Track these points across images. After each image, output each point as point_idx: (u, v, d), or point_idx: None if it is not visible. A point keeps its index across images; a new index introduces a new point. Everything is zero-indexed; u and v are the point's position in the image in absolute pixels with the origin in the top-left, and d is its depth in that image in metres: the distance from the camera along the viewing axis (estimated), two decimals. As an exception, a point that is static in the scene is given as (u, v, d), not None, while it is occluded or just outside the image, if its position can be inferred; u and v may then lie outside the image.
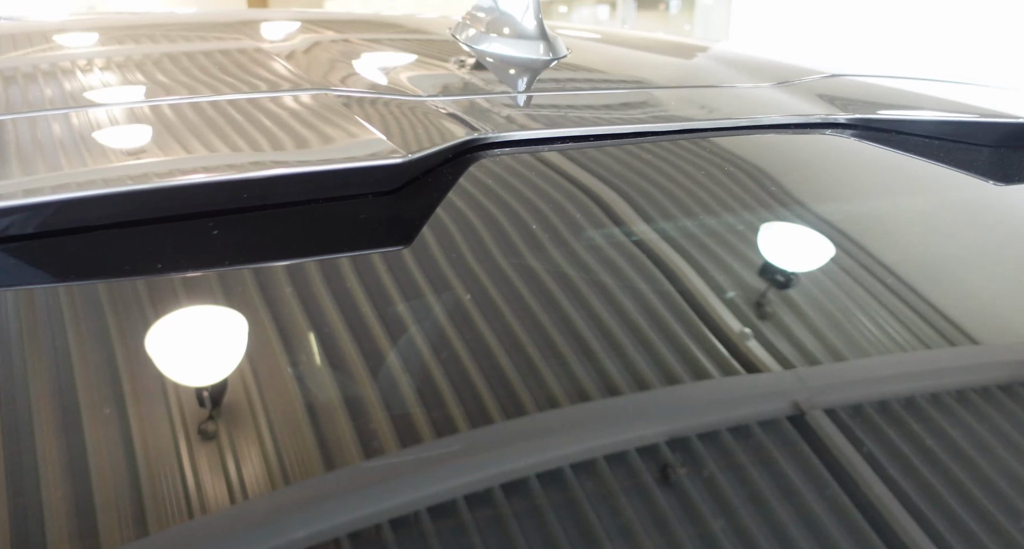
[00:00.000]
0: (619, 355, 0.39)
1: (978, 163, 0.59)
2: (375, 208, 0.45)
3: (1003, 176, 0.58)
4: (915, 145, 0.61)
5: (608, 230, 0.48)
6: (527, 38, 0.74)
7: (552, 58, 0.74)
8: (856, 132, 0.62)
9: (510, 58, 0.73)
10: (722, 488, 0.34)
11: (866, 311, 0.45)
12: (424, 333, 0.39)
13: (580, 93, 0.65)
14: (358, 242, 0.42)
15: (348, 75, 0.63)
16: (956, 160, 0.59)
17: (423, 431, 0.34)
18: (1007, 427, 0.39)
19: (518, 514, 0.32)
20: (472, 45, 0.76)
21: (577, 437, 0.36)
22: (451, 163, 0.51)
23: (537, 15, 0.75)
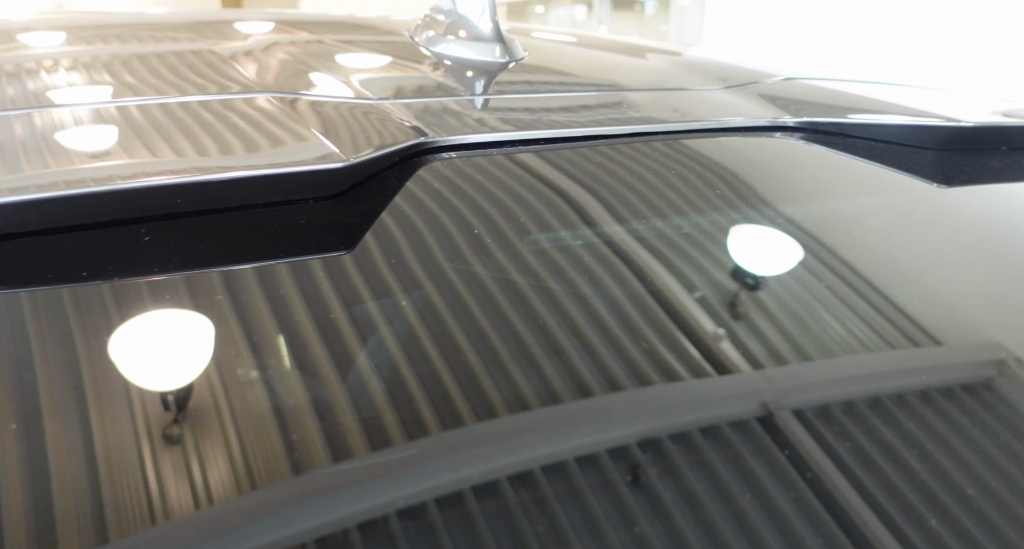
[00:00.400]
0: (563, 360, 0.39)
1: (922, 166, 0.60)
2: (316, 213, 0.44)
3: (946, 178, 0.59)
4: (861, 148, 0.62)
5: (556, 234, 0.48)
6: (483, 41, 0.74)
7: (508, 61, 0.74)
8: (804, 135, 0.63)
9: (466, 61, 0.73)
10: (692, 488, 0.35)
11: (816, 311, 0.45)
12: (363, 340, 0.38)
13: (533, 96, 0.65)
14: (297, 248, 0.42)
15: (298, 78, 0.62)
16: (900, 163, 0.60)
17: (364, 438, 0.34)
18: (972, 426, 0.40)
19: (488, 516, 0.32)
20: (428, 47, 0.76)
21: (544, 440, 0.36)
22: (398, 167, 0.51)
23: (493, 18, 0.75)
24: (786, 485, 0.35)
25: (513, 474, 0.34)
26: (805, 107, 0.67)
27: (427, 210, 0.47)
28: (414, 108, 0.58)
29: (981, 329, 0.48)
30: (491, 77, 0.70)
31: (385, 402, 0.35)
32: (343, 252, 0.42)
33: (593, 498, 0.34)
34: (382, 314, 0.40)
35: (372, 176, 0.49)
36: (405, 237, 0.44)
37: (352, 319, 0.39)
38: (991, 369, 0.44)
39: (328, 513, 0.31)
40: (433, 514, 0.32)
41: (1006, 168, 0.62)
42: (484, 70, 0.71)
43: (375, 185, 0.48)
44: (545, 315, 0.41)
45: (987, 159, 0.62)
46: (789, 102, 0.69)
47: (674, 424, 0.38)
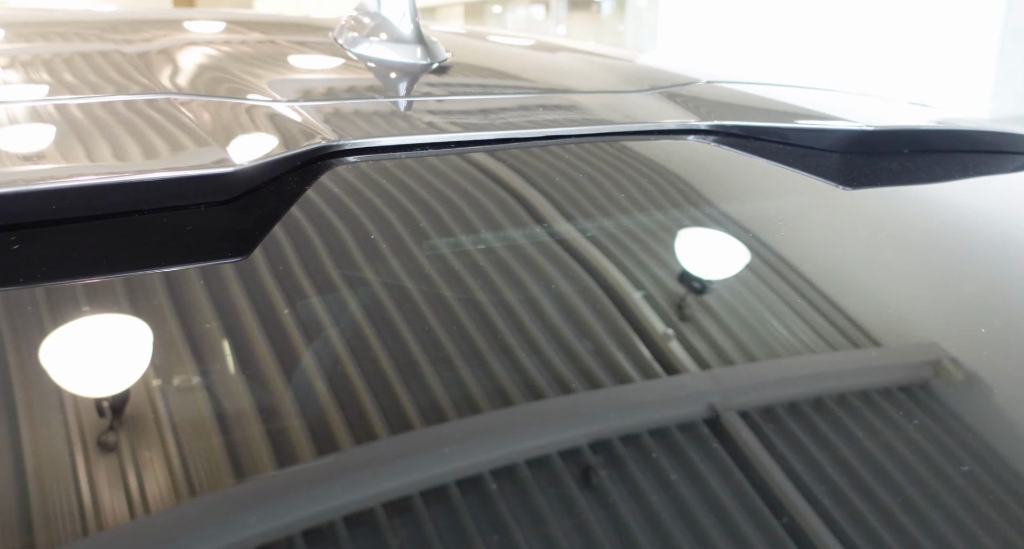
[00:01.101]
0: (453, 369, 0.39)
1: (824, 168, 0.62)
2: (207, 219, 0.43)
3: (846, 180, 0.61)
4: (767, 151, 0.63)
5: (457, 238, 0.48)
6: (403, 42, 0.74)
7: (430, 62, 0.74)
8: (715, 138, 0.64)
9: (385, 62, 0.72)
10: (639, 490, 0.35)
11: (723, 311, 0.46)
12: (251, 349, 0.38)
13: (448, 98, 0.65)
14: (184, 255, 0.41)
15: (204, 79, 0.61)
16: (803, 165, 0.62)
17: (265, 449, 0.33)
18: (913, 427, 0.41)
19: (428, 522, 0.32)
20: (349, 49, 0.75)
21: (486, 445, 0.36)
22: (299, 171, 0.50)
23: (414, 19, 0.74)
24: (733, 486, 0.35)
25: (450, 481, 0.34)
26: (719, 110, 0.68)
27: (325, 216, 0.47)
28: (323, 110, 0.58)
29: (887, 327, 0.49)
30: (409, 79, 0.69)
31: (277, 413, 0.35)
32: (233, 259, 0.42)
33: (537, 502, 0.33)
34: (266, 324, 0.39)
35: (272, 180, 0.48)
36: (299, 244, 0.44)
37: (236, 328, 0.39)
38: (897, 367, 0.45)
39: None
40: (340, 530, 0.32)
41: (904, 170, 0.64)
42: (403, 72, 0.71)
43: (273, 190, 0.48)
44: (436, 322, 0.41)
45: (887, 161, 0.64)
46: (705, 105, 0.70)
47: (580, 434, 0.38)
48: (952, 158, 0.67)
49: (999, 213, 0.65)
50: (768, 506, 0.35)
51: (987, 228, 0.63)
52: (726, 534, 0.34)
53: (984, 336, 0.49)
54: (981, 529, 0.36)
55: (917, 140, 0.66)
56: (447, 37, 0.92)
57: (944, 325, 0.50)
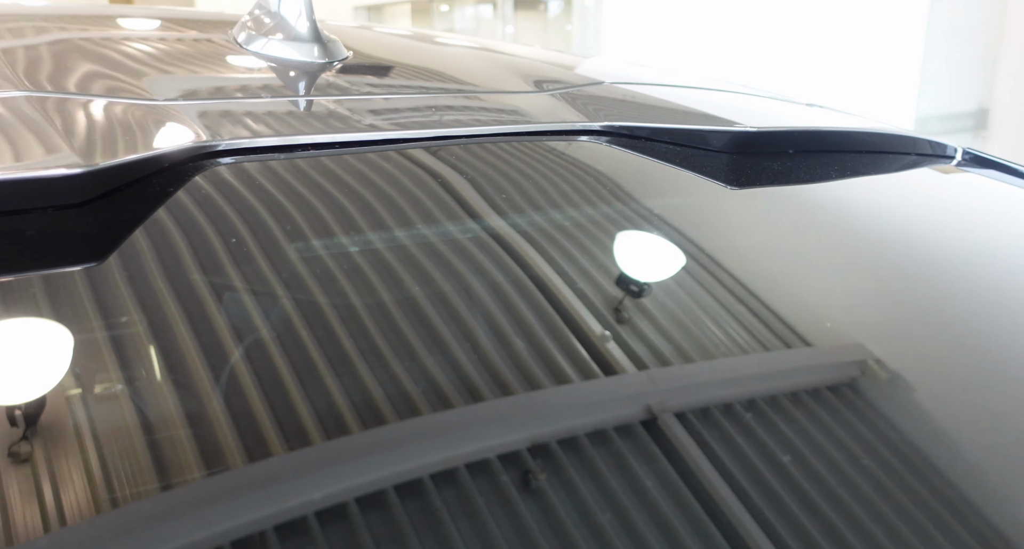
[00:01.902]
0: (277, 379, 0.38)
1: (713, 168, 0.63)
2: (53, 222, 0.42)
3: (733, 180, 0.62)
4: (656, 151, 0.64)
5: (329, 241, 0.47)
6: (300, 41, 0.72)
7: (328, 61, 0.73)
8: (607, 138, 0.65)
9: (280, 61, 0.71)
10: (576, 492, 0.34)
11: (602, 312, 0.46)
12: (80, 360, 0.37)
13: (340, 98, 0.64)
14: (21, 260, 0.39)
15: (78, 76, 0.59)
16: (689, 164, 0.63)
17: (147, 460, 0.32)
18: (846, 427, 0.41)
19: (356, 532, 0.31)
20: (245, 47, 0.74)
21: (411, 450, 0.35)
22: (166, 173, 0.49)
23: (310, 17, 0.73)
24: (670, 489, 0.35)
25: (391, 485, 0.33)
26: (615, 111, 0.69)
27: (189, 219, 0.46)
28: (203, 110, 0.56)
29: (772, 323, 0.50)
30: (301, 78, 0.68)
31: (127, 427, 0.34)
32: (77, 266, 0.40)
33: (470, 506, 0.33)
34: (112, 333, 0.38)
35: (136, 182, 0.47)
36: (154, 249, 0.43)
37: (79, 334, 0.37)
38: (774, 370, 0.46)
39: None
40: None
41: (787, 170, 0.65)
42: (297, 71, 0.70)
43: (135, 192, 0.46)
44: (298, 331, 0.41)
45: (770, 161, 0.66)
46: (602, 106, 0.70)
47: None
48: (836, 158, 0.69)
49: (881, 211, 0.68)
50: (701, 505, 0.35)
51: (869, 226, 0.65)
52: (662, 535, 0.34)
53: (873, 328, 0.51)
54: (906, 524, 0.36)
55: (802, 141, 0.68)
56: (353, 35, 0.91)
57: (829, 318, 0.51)
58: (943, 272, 0.60)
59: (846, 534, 0.35)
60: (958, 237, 0.67)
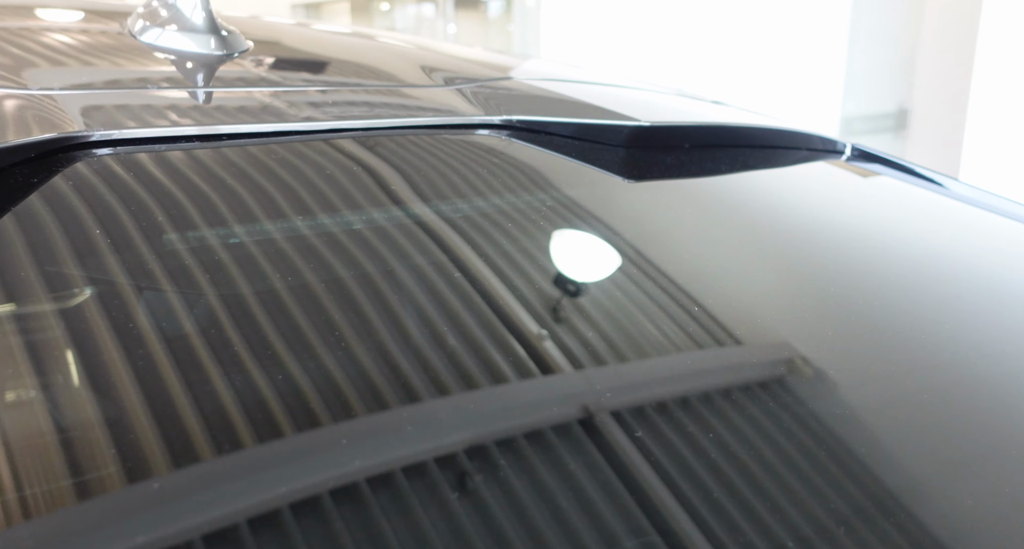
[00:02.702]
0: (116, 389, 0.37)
1: (608, 161, 0.64)
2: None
3: (631, 174, 0.63)
4: (555, 144, 0.65)
5: (196, 234, 0.46)
6: (195, 32, 0.71)
7: (225, 53, 0.71)
8: (507, 132, 0.65)
9: (174, 52, 0.69)
10: (513, 492, 0.34)
11: (500, 304, 0.46)
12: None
13: (232, 90, 0.63)
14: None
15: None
16: (588, 158, 0.64)
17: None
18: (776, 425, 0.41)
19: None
20: (139, 37, 0.71)
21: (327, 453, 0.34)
22: (33, 163, 0.47)
23: (207, 7, 0.71)
24: (606, 488, 0.35)
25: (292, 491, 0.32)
26: (517, 106, 0.69)
27: (49, 210, 0.44)
28: (82, 100, 0.54)
29: (670, 314, 0.50)
30: (192, 69, 0.67)
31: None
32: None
33: (406, 510, 0.32)
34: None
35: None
36: (5, 241, 0.41)
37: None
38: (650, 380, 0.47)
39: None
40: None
41: (680, 164, 0.67)
42: (188, 62, 0.68)
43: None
44: (150, 330, 0.40)
45: (666, 156, 0.67)
46: (504, 101, 0.71)
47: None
48: (729, 152, 0.71)
49: (772, 204, 0.70)
50: (637, 503, 0.35)
51: (761, 218, 0.67)
52: (598, 533, 0.34)
53: (766, 317, 0.52)
54: (832, 516, 0.37)
55: (697, 136, 0.70)
56: (262, 28, 0.90)
57: (725, 308, 0.52)
58: (833, 263, 0.63)
59: (776, 529, 0.36)
60: (844, 229, 0.69)
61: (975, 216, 0.74)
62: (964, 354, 0.53)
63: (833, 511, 0.37)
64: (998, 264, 0.67)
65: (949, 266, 0.65)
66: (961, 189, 0.79)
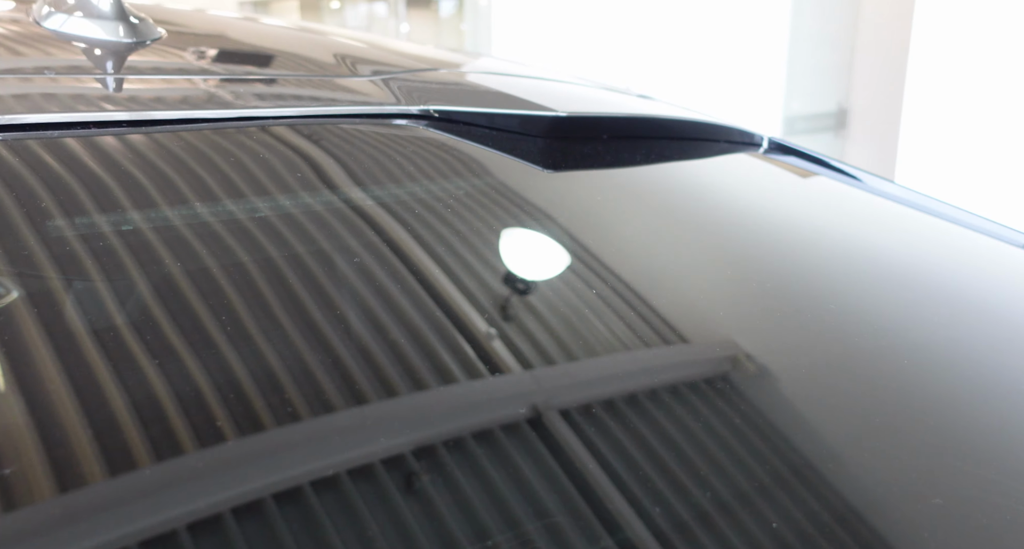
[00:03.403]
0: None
1: (525, 151, 0.64)
2: None
3: (548, 164, 0.64)
4: (474, 134, 0.65)
5: (87, 220, 0.45)
6: (102, 18, 0.69)
7: (135, 41, 0.69)
8: (426, 122, 0.65)
9: (78, 38, 0.67)
10: (465, 495, 0.34)
11: (421, 294, 0.45)
12: None
13: (137, 77, 0.61)
14: None
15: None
16: (504, 147, 0.64)
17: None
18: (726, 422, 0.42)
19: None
20: (42, 23, 0.69)
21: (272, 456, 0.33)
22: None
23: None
24: (555, 487, 0.35)
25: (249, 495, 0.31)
26: (435, 96, 0.69)
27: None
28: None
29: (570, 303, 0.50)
30: (95, 57, 0.65)
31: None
32: None
33: (363, 512, 0.32)
34: None
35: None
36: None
37: None
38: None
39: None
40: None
41: (597, 155, 0.68)
42: (92, 49, 0.66)
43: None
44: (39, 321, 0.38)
45: (583, 146, 0.68)
46: (424, 92, 0.70)
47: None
48: (648, 143, 0.72)
49: (690, 195, 0.71)
50: (586, 501, 0.35)
51: (679, 208, 0.68)
52: (547, 532, 0.33)
53: (684, 306, 0.53)
54: (778, 514, 0.37)
55: (616, 127, 0.71)
56: (179, 17, 0.88)
57: (628, 296, 0.53)
58: (742, 252, 0.64)
59: (724, 527, 0.36)
60: (761, 219, 0.71)
61: (883, 207, 0.76)
62: (861, 334, 0.54)
63: (780, 511, 0.38)
64: (899, 252, 0.70)
65: (852, 253, 0.67)
66: (875, 182, 0.82)
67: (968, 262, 0.72)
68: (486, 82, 0.78)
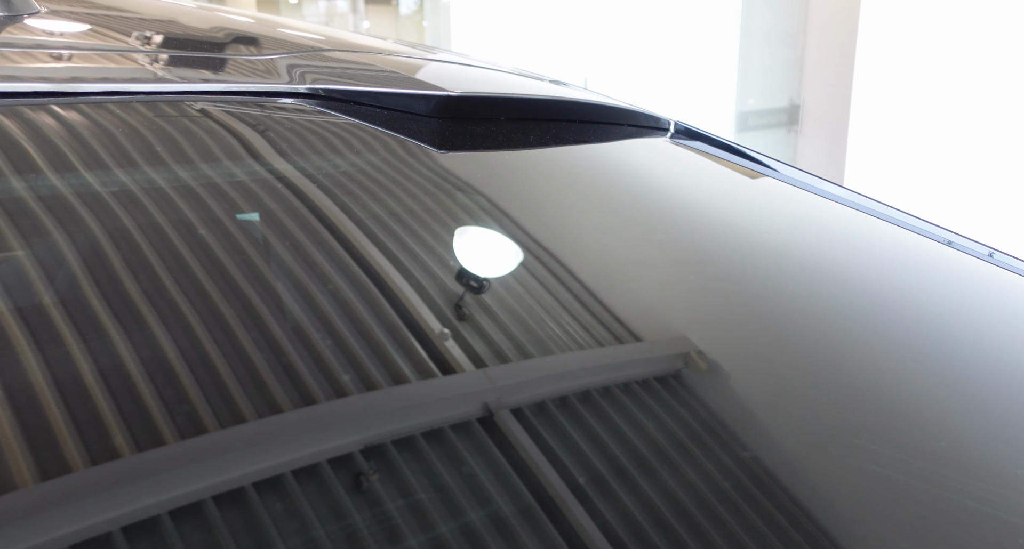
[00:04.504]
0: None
1: (421, 131, 0.63)
2: None
3: (439, 144, 0.62)
4: (365, 113, 0.63)
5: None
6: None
7: (6, 15, 0.66)
8: (315, 101, 0.63)
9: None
10: (416, 495, 0.33)
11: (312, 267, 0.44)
12: None
13: (6, 50, 0.58)
14: None
15: None
16: (400, 128, 0.62)
17: None
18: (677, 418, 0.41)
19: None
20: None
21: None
22: None
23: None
24: (507, 486, 0.35)
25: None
26: (327, 76, 0.67)
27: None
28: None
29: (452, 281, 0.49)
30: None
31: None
32: None
33: (309, 514, 0.31)
34: None
35: None
36: None
37: None
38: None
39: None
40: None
41: (491, 135, 0.67)
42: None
43: None
44: None
45: (475, 126, 0.66)
46: (315, 71, 0.69)
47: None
48: (548, 125, 0.71)
49: (592, 178, 0.70)
50: (537, 501, 0.35)
51: (579, 191, 0.68)
52: (498, 532, 0.33)
53: (584, 287, 0.52)
54: (731, 512, 0.37)
55: (513, 108, 0.70)
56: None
57: (508, 273, 0.52)
58: (635, 234, 0.63)
59: (677, 526, 0.36)
60: (665, 202, 0.71)
61: (784, 192, 0.77)
62: (759, 314, 0.54)
63: (734, 508, 0.37)
64: (796, 234, 0.70)
65: (747, 236, 0.67)
66: (782, 168, 0.82)
67: (863, 246, 0.72)
68: (383, 63, 0.76)
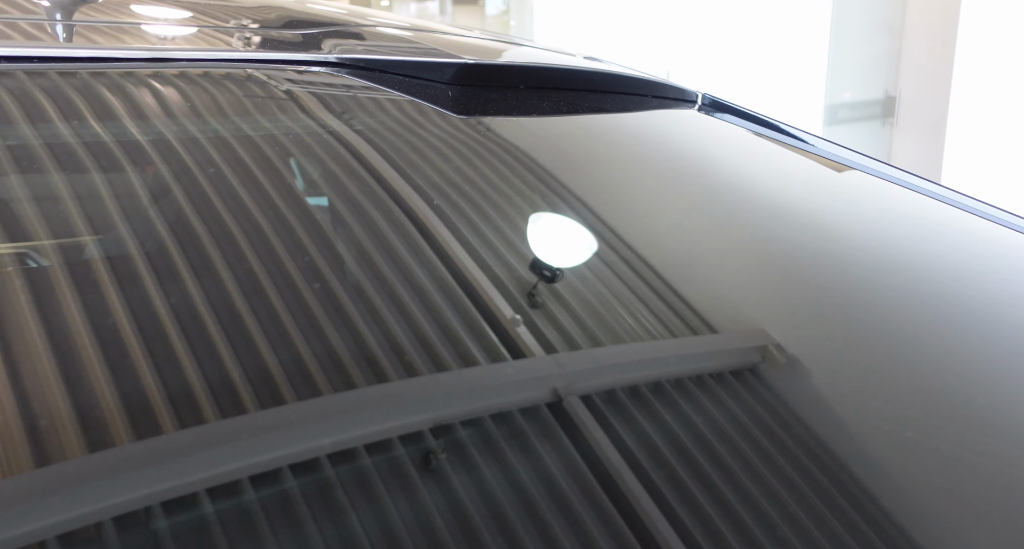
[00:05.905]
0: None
1: (442, 98, 0.65)
2: None
3: (457, 109, 0.65)
4: (388, 80, 0.66)
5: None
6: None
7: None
8: (345, 69, 0.67)
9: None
10: (482, 475, 0.34)
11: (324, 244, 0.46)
12: None
13: (80, 23, 0.65)
14: None
15: None
16: (423, 94, 0.65)
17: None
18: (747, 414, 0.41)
19: (261, 511, 0.30)
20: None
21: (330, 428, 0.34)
22: None
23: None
24: (575, 473, 0.35)
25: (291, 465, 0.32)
26: (353, 48, 0.71)
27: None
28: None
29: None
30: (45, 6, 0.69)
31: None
32: None
33: (379, 488, 0.32)
34: None
35: None
36: None
37: None
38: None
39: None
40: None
41: (503, 99, 0.68)
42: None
43: None
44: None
45: (496, 93, 0.68)
46: (344, 44, 0.73)
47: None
48: (570, 95, 0.72)
49: (615, 148, 0.71)
50: (604, 488, 0.35)
51: (602, 161, 0.69)
52: (564, 517, 0.33)
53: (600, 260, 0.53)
54: (802, 507, 0.37)
55: (532, 76, 0.71)
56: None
57: (548, 248, 0.53)
58: (684, 205, 0.63)
59: (745, 517, 0.36)
60: (692, 173, 0.70)
61: (808, 165, 0.75)
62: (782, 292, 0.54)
63: (804, 504, 0.37)
64: (819, 205, 0.68)
65: (774, 206, 0.66)
66: (818, 143, 0.80)
67: (905, 223, 0.70)
68: (412, 37, 0.79)
